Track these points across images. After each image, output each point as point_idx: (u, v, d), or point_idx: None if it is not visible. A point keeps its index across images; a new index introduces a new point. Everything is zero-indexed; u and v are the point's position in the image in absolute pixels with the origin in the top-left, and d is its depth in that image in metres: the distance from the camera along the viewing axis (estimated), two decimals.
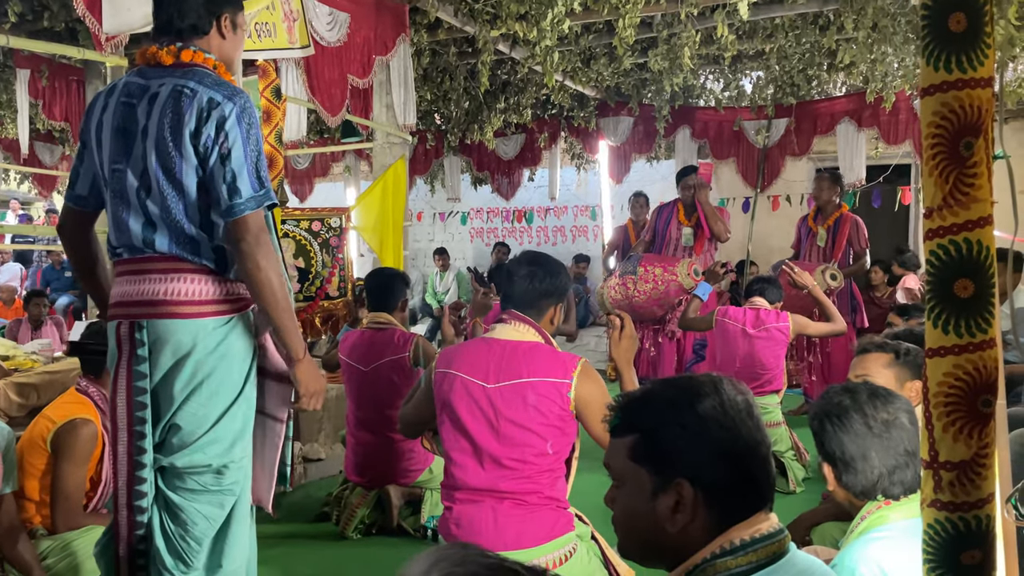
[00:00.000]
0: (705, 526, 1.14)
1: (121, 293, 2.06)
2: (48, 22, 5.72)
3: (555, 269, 2.40)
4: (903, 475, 1.64)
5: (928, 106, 1.12)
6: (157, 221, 2.00)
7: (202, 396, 2.01)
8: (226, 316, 2.05)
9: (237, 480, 2.09)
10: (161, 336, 2.00)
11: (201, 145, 1.95)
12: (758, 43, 6.46)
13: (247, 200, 1.96)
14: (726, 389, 1.19)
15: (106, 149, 2.04)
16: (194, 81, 1.98)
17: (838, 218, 6.01)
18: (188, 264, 2.02)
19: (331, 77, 4.63)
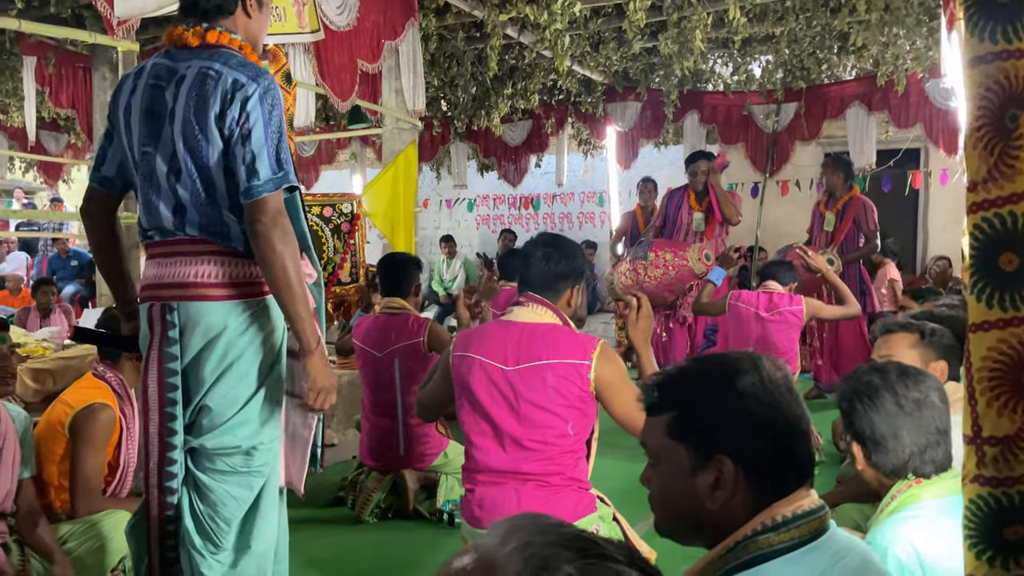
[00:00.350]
0: (746, 503, 1.14)
1: (152, 276, 2.06)
2: (54, 8, 5.69)
3: (571, 251, 2.39)
4: (934, 454, 1.63)
5: (973, 78, 1.10)
6: (187, 204, 2.00)
7: (232, 378, 2.01)
8: (256, 298, 2.05)
9: (266, 462, 2.09)
10: (192, 318, 2.00)
11: (226, 128, 1.94)
12: (768, 26, 6.41)
13: (265, 182, 1.93)
14: (764, 365, 1.18)
15: (135, 132, 2.03)
16: (219, 63, 1.96)
17: (847, 201, 5.98)
18: (219, 247, 2.02)
19: (341, 62, 4.60)
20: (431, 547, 3.35)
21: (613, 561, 0.64)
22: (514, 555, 0.63)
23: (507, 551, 0.64)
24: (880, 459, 1.66)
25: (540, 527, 0.66)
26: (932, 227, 9.48)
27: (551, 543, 0.64)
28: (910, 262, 9.28)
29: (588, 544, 0.65)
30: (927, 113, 7.30)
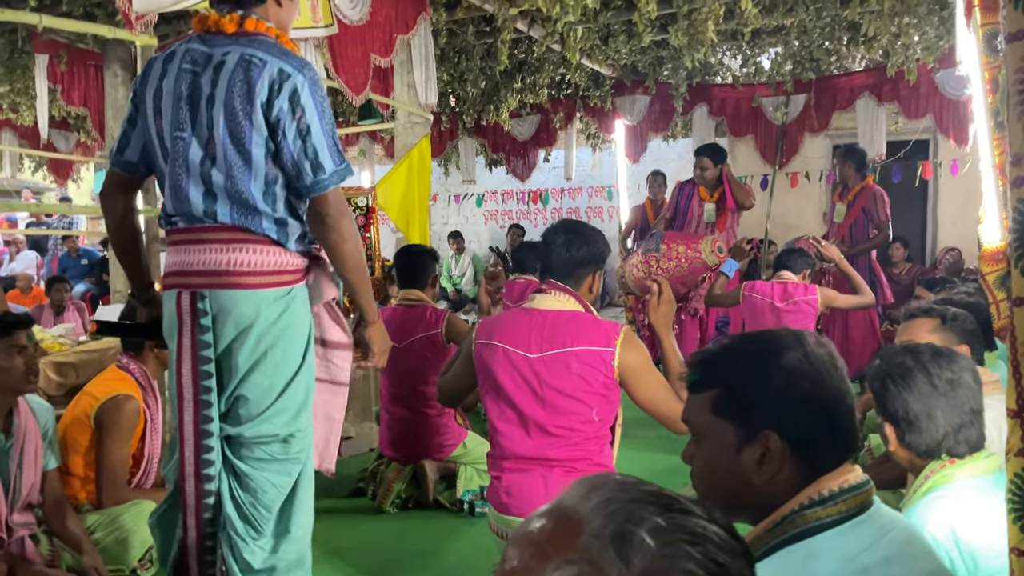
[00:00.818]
0: (792, 477, 1.15)
1: (180, 262, 2.04)
2: (67, 6, 5.71)
3: (592, 237, 2.39)
4: (968, 433, 1.64)
5: (1016, 51, 1.11)
6: (219, 191, 1.99)
7: (267, 367, 2.03)
8: (287, 287, 2.06)
9: (303, 448, 2.12)
10: (224, 306, 2.00)
11: (273, 116, 1.93)
12: (779, 17, 6.40)
13: (331, 175, 1.98)
14: (808, 341, 1.19)
15: (167, 116, 2.01)
16: (262, 51, 1.95)
17: (859, 192, 5.98)
18: (250, 235, 2.01)
19: (354, 56, 4.61)
20: (451, 537, 3.37)
21: (695, 516, 0.65)
22: (597, 511, 0.64)
23: (590, 507, 0.65)
24: (914, 439, 1.67)
25: (622, 484, 0.67)
26: (942, 218, 9.46)
27: (634, 499, 0.65)
28: (920, 253, 9.26)
29: (670, 500, 0.66)
30: (937, 104, 7.28)
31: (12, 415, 2.59)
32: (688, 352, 5.71)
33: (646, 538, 0.62)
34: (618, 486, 0.67)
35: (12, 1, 5.78)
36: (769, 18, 6.40)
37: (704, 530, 0.64)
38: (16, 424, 2.58)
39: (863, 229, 6.00)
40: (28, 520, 2.63)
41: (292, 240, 2.07)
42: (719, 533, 0.65)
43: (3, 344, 2.49)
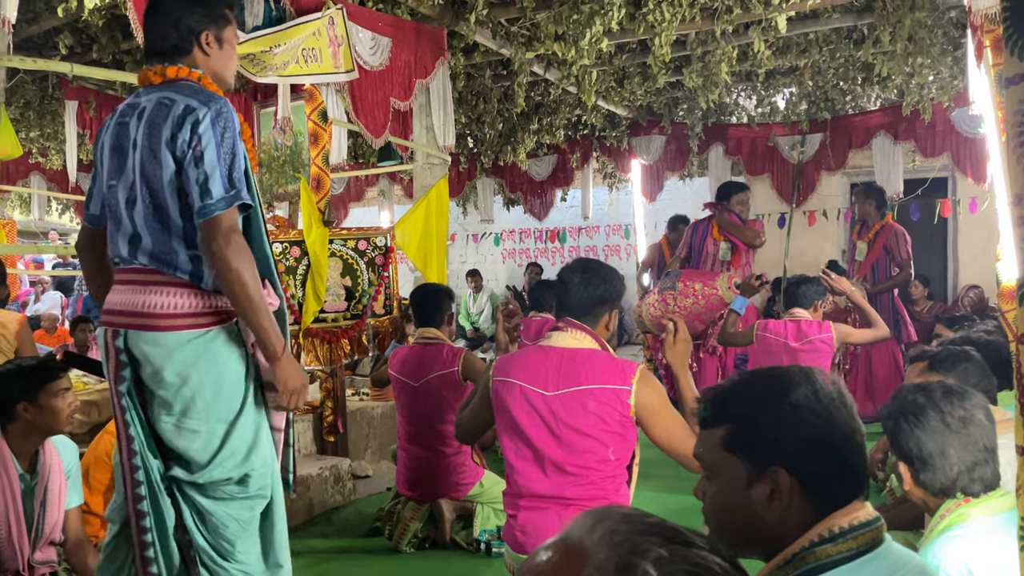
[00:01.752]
0: (802, 514, 1.16)
1: (109, 302, 2.14)
2: (96, 54, 5.89)
3: (609, 275, 2.42)
4: (982, 471, 1.64)
5: (1013, 95, 1.14)
6: (140, 232, 2.07)
7: (199, 412, 2.05)
8: (204, 329, 2.07)
9: (264, 484, 2.15)
10: (138, 346, 2.05)
11: (177, 150, 2.01)
12: (792, 58, 6.47)
13: (217, 200, 1.98)
14: (817, 378, 1.21)
15: (105, 167, 2.14)
16: (174, 92, 2.06)
17: (879, 230, 5.98)
18: (165, 276, 2.06)
19: (374, 100, 4.72)
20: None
21: (697, 547, 0.66)
22: (602, 543, 0.66)
23: (594, 539, 0.67)
24: (928, 478, 1.66)
25: (626, 516, 0.69)
26: (962, 256, 9.39)
27: (637, 531, 0.67)
28: (941, 291, 9.19)
29: (673, 531, 0.68)
30: (954, 142, 7.29)
31: (38, 454, 2.63)
32: None
33: (649, 569, 0.64)
34: (622, 518, 0.68)
35: (44, 49, 5.98)
36: (782, 59, 6.48)
37: (706, 560, 0.66)
38: (41, 463, 2.63)
39: (885, 267, 5.99)
40: (50, 558, 2.66)
41: (209, 278, 2.07)
42: (721, 564, 0.67)
43: (50, 388, 2.57)
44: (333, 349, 4.29)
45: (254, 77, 4.12)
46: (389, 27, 4.76)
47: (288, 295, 4.16)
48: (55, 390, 2.58)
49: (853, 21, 5.78)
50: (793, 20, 5.59)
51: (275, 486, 2.19)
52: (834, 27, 5.93)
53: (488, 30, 5.53)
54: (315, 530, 3.91)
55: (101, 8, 4.50)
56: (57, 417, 2.58)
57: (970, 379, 2.25)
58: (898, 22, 5.44)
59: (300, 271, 4.11)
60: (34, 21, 5.39)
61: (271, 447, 2.19)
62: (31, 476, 2.59)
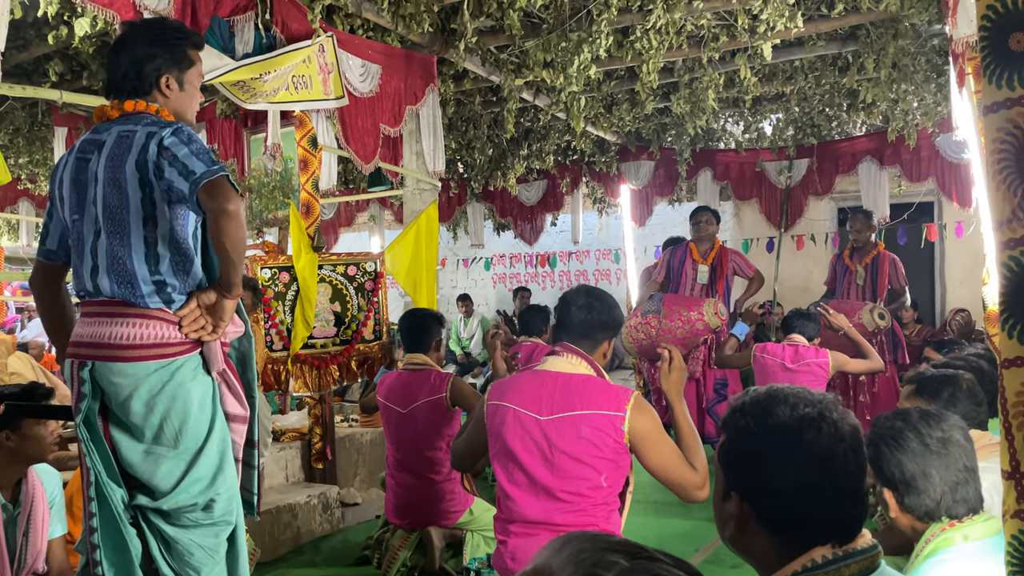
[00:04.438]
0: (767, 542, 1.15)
1: (76, 334, 2.16)
2: (86, 81, 5.90)
3: (611, 303, 2.43)
4: (965, 492, 1.64)
5: (992, 123, 1.15)
6: (102, 265, 2.10)
7: (166, 439, 2.09)
8: (169, 359, 2.10)
9: (229, 510, 2.18)
10: (105, 378, 2.08)
11: (147, 170, 2.06)
12: (778, 85, 6.55)
13: (202, 174, 2.02)
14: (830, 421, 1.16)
15: (67, 203, 2.18)
16: (133, 123, 2.13)
17: (876, 256, 6.03)
18: (132, 308, 2.09)
19: (364, 126, 4.74)
20: None
21: (661, 563, 0.67)
22: (568, 561, 0.67)
23: (562, 559, 0.68)
24: (912, 501, 1.66)
25: (592, 537, 0.70)
26: (949, 280, 9.47)
27: (602, 548, 0.68)
28: (928, 315, 9.24)
29: (638, 548, 0.69)
30: (939, 167, 7.36)
31: (20, 483, 2.60)
32: None
33: None
34: (588, 539, 0.70)
35: (33, 76, 5.99)
36: (769, 86, 6.56)
37: (669, 574, 0.66)
38: (24, 492, 2.59)
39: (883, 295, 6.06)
40: None
41: (175, 304, 2.11)
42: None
43: None
44: (322, 375, 4.27)
45: (244, 104, 4.13)
46: (379, 54, 4.80)
47: (277, 321, 4.15)
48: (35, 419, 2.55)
49: (838, 48, 5.86)
50: (779, 48, 5.67)
51: (238, 513, 2.23)
52: (819, 54, 6.02)
53: (477, 57, 5.58)
54: (303, 559, 3.87)
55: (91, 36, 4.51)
56: (40, 445, 2.55)
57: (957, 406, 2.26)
58: (881, 50, 5.52)
59: (289, 297, 4.10)
60: (24, 48, 5.40)
61: (235, 474, 2.22)
62: (14, 506, 2.56)
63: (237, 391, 2.26)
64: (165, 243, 2.09)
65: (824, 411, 1.17)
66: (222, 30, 3.76)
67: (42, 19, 3.80)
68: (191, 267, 2.14)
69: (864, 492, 1.17)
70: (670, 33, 5.01)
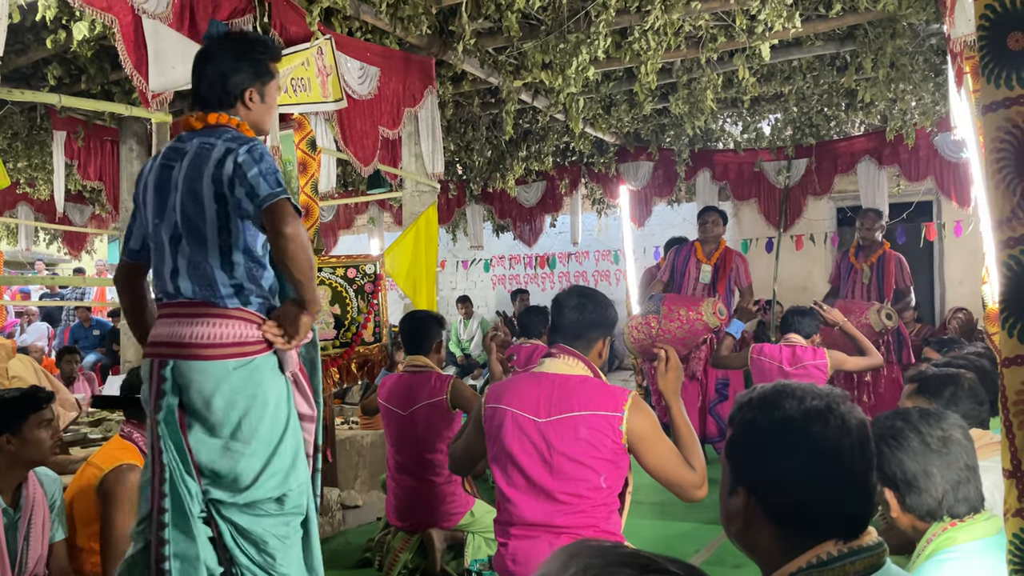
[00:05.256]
0: (773, 538, 1.15)
1: (155, 335, 2.27)
2: (85, 84, 5.90)
3: (603, 302, 2.43)
4: (966, 491, 1.64)
5: (991, 122, 1.16)
6: (183, 268, 2.21)
7: (244, 436, 2.19)
8: (248, 357, 2.20)
9: (300, 503, 2.29)
10: (186, 375, 2.17)
11: (222, 184, 2.17)
12: (776, 85, 6.56)
13: (265, 196, 2.13)
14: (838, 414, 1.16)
15: (149, 207, 2.30)
16: (214, 137, 2.24)
17: (882, 255, 6.02)
18: (212, 308, 2.20)
19: (363, 128, 4.74)
20: None
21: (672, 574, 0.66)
22: None
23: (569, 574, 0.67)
24: (914, 501, 1.66)
25: (598, 550, 0.69)
26: (949, 279, 9.47)
27: (611, 563, 0.67)
28: (928, 314, 9.24)
29: (647, 560, 0.68)
30: (937, 166, 7.36)
31: (21, 487, 2.60)
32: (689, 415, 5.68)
33: None
34: (595, 552, 0.69)
35: (32, 80, 6.00)
36: (767, 86, 6.57)
37: None
38: (24, 496, 2.59)
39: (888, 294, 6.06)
40: None
41: (253, 306, 2.22)
42: None
43: (34, 419, 2.54)
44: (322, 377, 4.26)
45: None
46: (378, 57, 4.80)
47: None
48: (39, 421, 2.55)
49: (836, 49, 5.87)
50: (777, 48, 5.67)
51: (310, 504, 2.35)
52: (817, 54, 6.02)
53: (476, 59, 5.58)
54: None
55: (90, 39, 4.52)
56: (41, 449, 2.55)
57: (958, 405, 2.26)
58: (879, 49, 5.52)
59: None
60: (23, 52, 5.40)
61: (307, 469, 2.33)
62: (14, 510, 2.55)
63: (306, 392, 2.38)
64: (239, 252, 2.20)
65: (831, 404, 1.16)
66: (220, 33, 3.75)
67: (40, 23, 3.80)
68: (264, 273, 2.25)
69: (872, 487, 1.17)
70: (668, 34, 5.02)
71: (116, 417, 4.13)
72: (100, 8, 3.25)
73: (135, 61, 3.40)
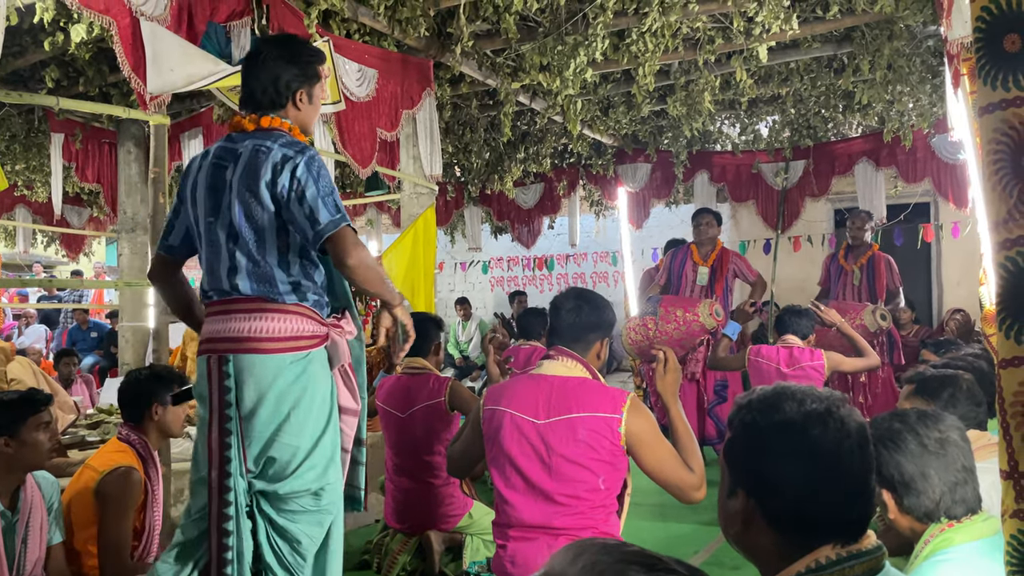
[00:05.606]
0: (771, 540, 1.15)
1: (211, 331, 2.32)
2: (83, 87, 5.90)
3: (600, 304, 2.44)
4: (964, 492, 1.64)
5: (988, 124, 1.16)
6: (240, 266, 2.27)
7: (292, 428, 2.25)
8: (304, 351, 2.27)
9: (333, 500, 2.34)
10: (245, 369, 2.24)
11: (277, 192, 2.23)
12: (774, 87, 6.57)
13: (327, 224, 2.19)
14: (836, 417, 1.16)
15: (200, 205, 2.35)
16: (270, 141, 2.29)
17: (871, 257, 6.04)
18: (270, 304, 2.27)
19: (361, 131, 4.74)
20: None
21: (678, 573, 0.67)
22: (583, 572, 0.66)
23: (576, 571, 0.67)
24: (912, 502, 1.67)
25: (605, 547, 0.69)
26: (946, 280, 9.48)
27: (618, 560, 0.67)
28: (926, 315, 9.25)
29: (653, 559, 0.68)
30: (935, 167, 7.37)
31: (19, 490, 2.59)
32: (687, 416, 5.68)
33: None
34: (602, 549, 0.69)
35: (30, 83, 5.99)
36: (765, 88, 6.57)
37: None
38: (22, 499, 2.59)
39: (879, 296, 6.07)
40: None
41: (308, 301, 2.30)
42: None
43: (32, 422, 2.54)
44: None
45: None
46: (376, 59, 4.80)
47: None
48: (38, 424, 2.54)
49: (833, 50, 5.88)
50: (774, 50, 5.68)
51: (339, 505, 2.38)
52: (814, 56, 6.03)
53: (474, 61, 5.58)
54: None
55: (88, 42, 4.52)
56: (39, 452, 2.55)
57: (956, 406, 2.26)
58: (877, 51, 5.53)
59: None
60: (20, 55, 5.40)
61: (340, 468, 2.39)
62: (12, 513, 2.55)
63: (352, 386, 2.46)
64: (295, 252, 2.28)
65: (831, 407, 1.17)
66: (219, 35, 3.76)
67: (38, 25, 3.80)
68: (319, 272, 2.35)
69: (871, 491, 1.17)
70: (666, 36, 5.02)
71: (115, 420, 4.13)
72: (98, 10, 3.25)
73: (133, 63, 3.40)
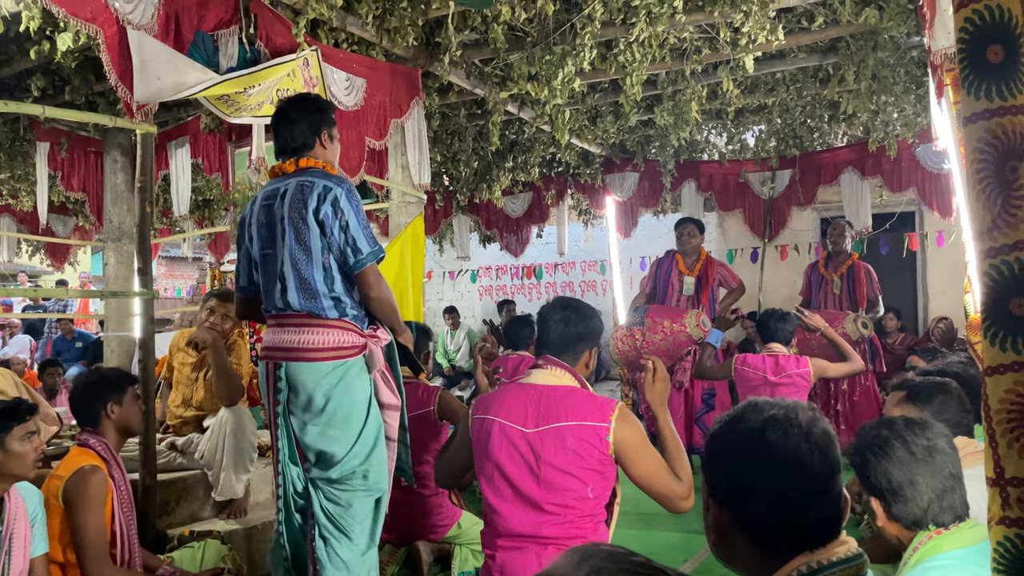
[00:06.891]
0: (749, 548, 1.16)
1: (268, 341, 2.78)
2: (69, 95, 5.87)
3: (589, 313, 2.44)
4: (951, 499, 1.65)
5: (972, 133, 1.17)
6: (291, 285, 2.69)
7: (337, 423, 2.68)
8: (342, 360, 2.68)
9: (379, 479, 2.78)
10: (294, 375, 2.68)
11: (320, 219, 2.65)
12: (760, 97, 6.61)
13: (367, 255, 2.68)
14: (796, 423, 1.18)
15: (255, 242, 2.81)
16: (311, 176, 2.73)
17: (851, 266, 6.08)
18: (316, 319, 2.68)
19: (349, 140, 4.73)
20: None
21: None
22: None
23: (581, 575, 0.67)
24: (900, 510, 1.67)
25: (611, 555, 0.69)
26: (932, 288, 9.55)
27: (623, 570, 0.67)
28: (911, 323, 9.32)
29: (658, 571, 0.68)
30: (919, 177, 7.43)
31: (3, 501, 2.56)
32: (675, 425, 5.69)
33: None
34: (607, 557, 0.69)
35: (15, 91, 5.95)
36: (751, 98, 6.61)
37: None
38: (6, 510, 2.56)
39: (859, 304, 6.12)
40: None
41: (348, 316, 2.71)
42: None
43: (19, 431, 2.52)
44: None
45: (228, 118, 4.12)
46: (364, 68, 4.80)
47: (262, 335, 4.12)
48: (22, 434, 2.52)
49: (818, 61, 5.92)
50: (760, 60, 5.72)
51: (385, 483, 2.81)
52: (800, 67, 6.08)
53: (462, 70, 5.59)
54: None
55: (74, 50, 4.50)
56: (24, 462, 2.52)
57: (947, 413, 2.27)
58: (861, 61, 5.58)
59: None
60: (5, 63, 5.37)
61: (385, 452, 2.81)
62: None
63: (391, 384, 2.88)
64: (337, 269, 2.69)
65: (790, 413, 1.19)
66: (206, 44, 3.75)
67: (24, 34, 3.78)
68: (356, 289, 2.75)
69: (836, 492, 1.18)
70: (653, 46, 5.05)
71: None
72: (85, 19, 3.24)
73: (120, 72, 3.39)
